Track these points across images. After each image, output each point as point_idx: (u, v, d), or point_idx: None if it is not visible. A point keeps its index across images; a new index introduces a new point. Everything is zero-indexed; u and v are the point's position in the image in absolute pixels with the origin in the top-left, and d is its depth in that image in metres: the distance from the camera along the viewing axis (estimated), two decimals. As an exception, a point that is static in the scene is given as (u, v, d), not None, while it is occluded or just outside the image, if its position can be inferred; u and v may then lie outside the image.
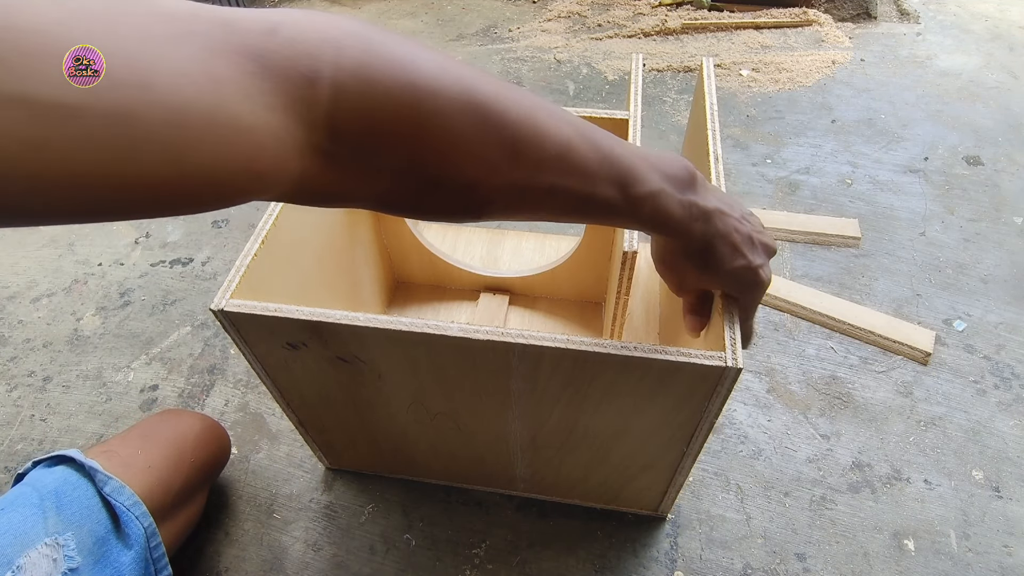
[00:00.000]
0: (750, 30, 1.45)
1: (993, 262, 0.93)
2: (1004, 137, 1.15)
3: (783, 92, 1.27)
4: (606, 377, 0.43)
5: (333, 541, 0.68)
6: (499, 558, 0.66)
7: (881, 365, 0.81)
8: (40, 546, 0.46)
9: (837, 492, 0.70)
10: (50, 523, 0.47)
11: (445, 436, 0.58)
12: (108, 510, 0.50)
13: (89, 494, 0.50)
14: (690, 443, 0.50)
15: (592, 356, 0.41)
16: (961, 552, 0.65)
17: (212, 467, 0.65)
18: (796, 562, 0.65)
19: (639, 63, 0.65)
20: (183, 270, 0.98)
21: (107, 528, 0.49)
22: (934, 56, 1.35)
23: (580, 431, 0.52)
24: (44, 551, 0.45)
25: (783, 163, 1.10)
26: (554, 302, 0.86)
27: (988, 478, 0.71)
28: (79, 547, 0.47)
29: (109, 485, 0.51)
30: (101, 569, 0.48)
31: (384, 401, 0.54)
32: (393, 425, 0.58)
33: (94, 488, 0.50)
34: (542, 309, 0.86)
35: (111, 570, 0.48)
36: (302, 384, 0.53)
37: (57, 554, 0.46)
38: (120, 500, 0.50)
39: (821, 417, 0.77)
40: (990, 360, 0.82)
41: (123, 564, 0.49)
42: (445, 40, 1.48)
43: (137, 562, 0.50)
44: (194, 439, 0.62)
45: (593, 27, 1.50)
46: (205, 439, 0.64)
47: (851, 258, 0.94)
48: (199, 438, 0.63)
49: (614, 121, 0.61)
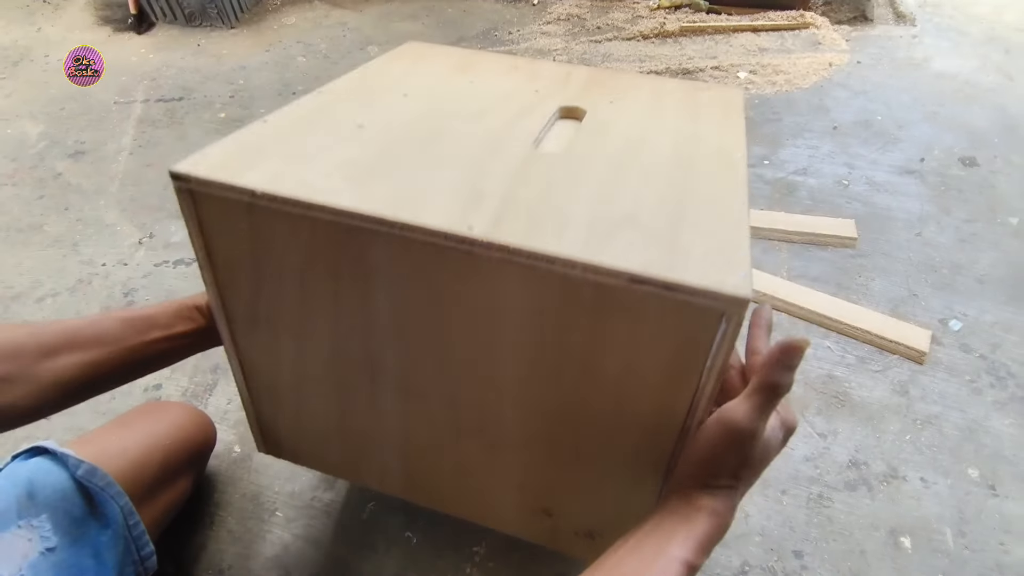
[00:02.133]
0: (748, 33, 1.46)
1: (988, 262, 0.94)
2: (1000, 138, 1.16)
3: (781, 94, 1.28)
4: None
5: (335, 539, 0.69)
6: (500, 556, 0.67)
7: (878, 364, 0.82)
8: (14, 529, 0.47)
9: (834, 490, 0.71)
10: (23, 508, 0.48)
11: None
12: (83, 493, 0.51)
13: (62, 478, 0.51)
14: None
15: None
16: (957, 549, 0.66)
17: (193, 451, 0.66)
18: (793, 559, 0.66)
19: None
20: (186, 270, 0.99)
21: (83, 509, 0.50)
22: (930, 58, 1.36)
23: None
24: (19, 533, 0.47)
25: (780, 164, 1.11)
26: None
27: (984, 476, 0.72)
28: (55, 528, 0.48)
29: (82, 468, 0.52)
30: (80, 548, 0.49)
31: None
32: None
33: (67, 473, 0.51)
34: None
35: (89, 548, 0.49)
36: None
37: (33, 535, 0.47)
38: (94, 481, 0.52)
39: (818, 416, 0.77)
40: (986, 359, 0.82)
41: (101, 543, 0.50)
42: (446, 43, 1.49)
43: (116, 540, 0.51)
44: (169, 423, 0.64)
45: (592, 30, 1.51)
46: (182, 423, 0.65)
47: (848, 258, 0.95)
48: (174, 423, 0.64)
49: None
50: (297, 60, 1.45)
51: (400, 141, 0.48)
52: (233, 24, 1.57)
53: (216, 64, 1.44)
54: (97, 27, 1.58)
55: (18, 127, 1.29)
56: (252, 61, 1.44)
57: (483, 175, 0.43)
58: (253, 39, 1.52)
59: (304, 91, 1.33)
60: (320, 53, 1.47)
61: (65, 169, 1.19)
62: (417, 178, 0.42)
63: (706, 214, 0.40)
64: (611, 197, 0.42)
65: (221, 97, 1.34)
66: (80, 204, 1.11)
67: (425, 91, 0.58)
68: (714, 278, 0.34)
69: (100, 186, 1.15)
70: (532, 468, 0.52)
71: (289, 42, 1.51)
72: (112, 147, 1.23)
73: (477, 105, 0.55)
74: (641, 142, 0.51)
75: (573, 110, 0.57)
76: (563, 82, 0.63)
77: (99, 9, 1.64)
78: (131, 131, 1.27)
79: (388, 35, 1.52)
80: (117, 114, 1.30)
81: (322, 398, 0.56)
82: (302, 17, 1.60)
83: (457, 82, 0.61)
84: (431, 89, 0.58)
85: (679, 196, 0.43)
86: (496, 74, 0.64)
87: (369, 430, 0.56)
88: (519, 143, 0.49)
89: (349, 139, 0.48)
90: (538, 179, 0.43)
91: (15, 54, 1.50)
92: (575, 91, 0.61)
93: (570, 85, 0.62)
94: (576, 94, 0.60)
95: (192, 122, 1.28)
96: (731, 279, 0.34)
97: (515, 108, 0.56)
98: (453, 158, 0.46)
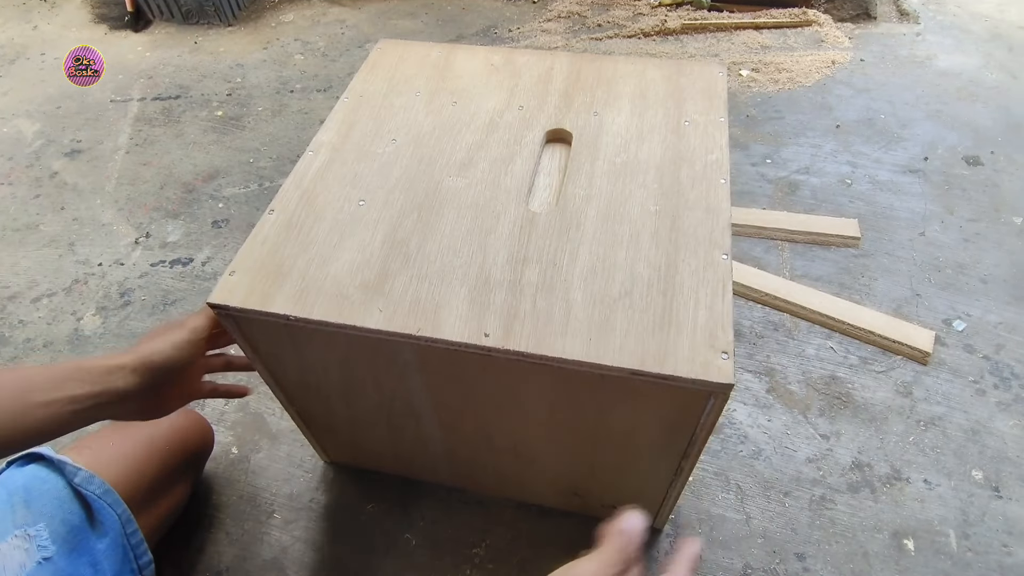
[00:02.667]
0: (750, 30, 1.45)
1: (992, 262, 0.93)
2: (1004, 137, 1.15)
3: (783, 92, 1.27)
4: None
5: (333, 540, 0.68)
6: (499, 557, 0.66)
7: (881, 365, 0.82)
8: (10, 539, 0.46)
9: (837, 492, 0.70)
10: (19, 517, 0.47)
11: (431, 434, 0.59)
12: (80, 500, 0.50)
13: (59, 486, 0.50)
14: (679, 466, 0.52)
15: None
16: (961, 552, 0.66)
17: (192, 455, 0.65)
18: (796, 562, 0.65)
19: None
20: (183, 270, 0.98)
21: (80, 518, 0.49)
22: (933, 56, 1.35)
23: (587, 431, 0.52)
24: (15, 543, 0.46)
25: (783, 163, 1.11)
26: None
27: (987, 478, 0.71)
28: (52, 537, 0.47)
29: (79, 476, 0.51)
30: (77, 557, 0.48)
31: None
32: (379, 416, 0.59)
33: (64, 480, 0.50)
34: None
35: (87, 557, 0.48)
36: (296, 370, 0.54)
37: (29, 544, 0.46)
38: (91, 489, 0.51)
39: (821, 417, 0.77)
40: (989, 360, 0.82)
41: (99, 551, 0.49)
42: (445, 40, 1.48)
43: (114, 548, 0.50)
44: (168, 427, 0.62)
45: (593, 27, 1.50)
46: (181, 427, 0.64)
47: (851, 258, 0.95)
48: (172, 427, 0.63)
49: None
50: (295, 58, 1.44)
51: (403, 219, 0.51)
52: (231, 22, 1.56)
53: (213, 62, 1.43)
54: (93, 25, 1.57)
55: (14, 126, 1.28)
56: (250, 59, 1.44)
57: (487, 259, 0.47)
58: (251, 37, 1.51)
59: (302, 89, 1.33)
60: (318, 51, 1.46)
61: (61, 168, 1.18)
62: (430, 276, 0.46)
63: (692, 279, 0.45)
64: (606, 269, 0.46)
65: (218, 95, 1.33)
66: (76, 203, 1.11)
67: (413, 131, 0.58)
68: (700, 369, 0.39)
69: (96, 185, 1.14)
70: (560, 472, 0.62)
71: (287, 40, 1.50)
72: (109, 146, 1.22)
73: (464, 150, 0.56)
74: (628, 181, 0.52)
75: (560, 133, 0.58)
76: (545, 84, 0.63)
77: (95, 7, 1.62)
78: (128, 130, 1.26)
79: (387, 33, 1.51)
80: (114, 112, 1.30)
81: (374, 430, 0.63)
82: (300, 15, 1.59)
83: (440, 105, 0.61)
84: (417, 127, 0.59)
85: (667, 256, 0.47)
86: (476, 80, 0.63)
87: (418, 448, 0.64)
88: (513, 202, 0.51)
89: (356, 225, 0.50)
90: (538, 254, 0.47)
91: (11, 52, 1.49)
92: (558, 99, 0.61)
93: (552, 88, 0.62)
94: (560, 103, 0.60)
95: (189, 120, 1.27)
96: (716, 365, 0.40)
97: (503, 144, 0.56)
98: (456, 240, 0.49)
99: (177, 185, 1.13)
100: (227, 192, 1.11)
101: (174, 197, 1.11)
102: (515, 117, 0.59)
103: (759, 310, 0.88)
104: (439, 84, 0.63)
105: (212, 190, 1.12)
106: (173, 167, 1.17)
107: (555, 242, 0.48)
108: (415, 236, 0.49)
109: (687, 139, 0.56)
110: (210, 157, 1.19)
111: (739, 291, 0.90)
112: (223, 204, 1.09)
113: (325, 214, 0.51)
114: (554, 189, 0.53)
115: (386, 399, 0.55)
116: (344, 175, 0.54)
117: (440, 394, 0.52)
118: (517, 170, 0.54)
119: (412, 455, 0.67)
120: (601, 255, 0.47)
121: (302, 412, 0.62)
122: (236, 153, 1.19)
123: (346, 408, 0.59)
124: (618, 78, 0.63)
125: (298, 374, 0.54)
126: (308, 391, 0.57)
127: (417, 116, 0.60)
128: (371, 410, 0.58)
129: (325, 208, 0.51)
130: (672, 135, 0.56)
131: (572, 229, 0.49)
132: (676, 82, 0.62)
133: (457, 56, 0.67)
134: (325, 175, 0.54)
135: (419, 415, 0.56)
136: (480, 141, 0.56)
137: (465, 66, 0.65)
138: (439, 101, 0.61)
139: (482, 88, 0.62)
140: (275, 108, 1.29)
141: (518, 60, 0.66)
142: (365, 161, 0.55)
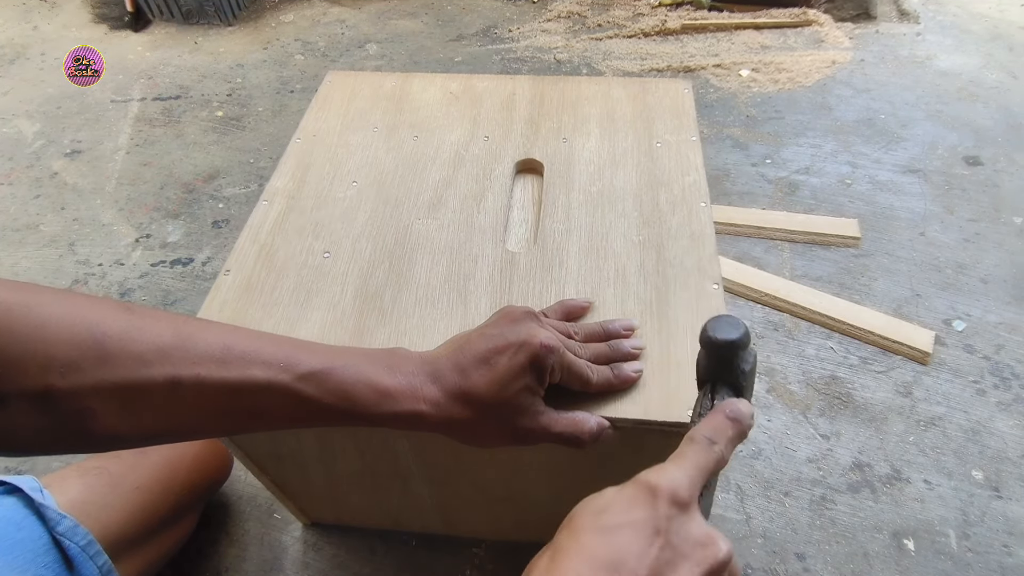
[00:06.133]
0: (750, 30, 1.45)
1: (993, 262, 0.93)
2: (1004, 137, 1.15)
3: (783, 92, 1.27)
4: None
5: (333, 541, 0.68)
6: (499, 558, 0.66)
7: (881, 365, 0.82)
8: None
9: (837, 492, 0.70)
10: None
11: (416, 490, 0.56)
12: (58, 550, 0.46)
13: (35, 535, 0.45)
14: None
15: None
16: (961, 552, 0.66)
17: (208, 488, 0.63)
18: (796, 562, 0.65)
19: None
20: (183, 270, 0.98)
21: (55, 572, 0.45)
22: (934, 56, 1.35)
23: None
24: None
25: (783, 163, 1.11)
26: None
27: (988, 478, 0.71)
28: None
29: (62, 525, 0.46)
30: None
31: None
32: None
33: (43, 528, 0.46)
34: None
35: None
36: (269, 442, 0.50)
37: None
38: (74, 541, 0.46)
39: (821, 417, 0.77)
40: (990, 360, 0.82)
41: None
42: (445, 40, 1.48)
43: None
44: (192, 458, 0.60)
45: (593, 27, 1.50)
46: (204, 458, 0.61)
47: (851, 258, 0.95)
48: (197, 457, 0.60)
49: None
50: (295, 58, 1.44)
51: (374, 269, 0.47)
52: (231, 22, 1.56)
53: (213, 62, 1.43)
54: (93, 25, 1.57)
55: (14, 126, 1.28)
56: (250, 59, 1.44)
57: (468, 308, 0.44)
58: (251, 37, 1.51)
59: (302, 89, 1.32)
60: (319, 51, 1.46)
61: (61, 168, 1.18)
62: (409, 332, 0.43)
63: (686, 314, 0.43)
64: (595, 309, 0.44)
65: (219, 95, 1.33)
66: (76, 204, 1.11)
67: (374, 171, 0.55)
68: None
69: (97, 185, 1.14)
70: (561, 512, 0.58)
71: (287, 40, 1.50)
72: (109, 146, 1.22)
73: (432, 188, 0.53)
74: (607, 210, 0.50)
75: (531, 163, 0.56)
76: (509, 111, 0.60)
77: (95, 7, 1.63)
78: (128, 130, 1.26)
79: (387, 33, 1.51)
80: (114, 113, 1.30)
81: (357, 492, 0.59)
82: (300, 15, 1.59)
83: (400, 140, 0.57)
84: (379, 166, 0.55)
85: (657, 291, 0.44)
86: (436, 110, 0.60)
87: (405, 503, 0.60)
88: (490, 242, 0.48)
89: (323, 280, 0.46)
90: (522, 298, 0.45)
91: (11, 52, 1.49)
92: (524, 126, 0.58)
93: (517, 115, 0.59)
94: (527, 130, 0.58)
95: (189, 121, 1.27)
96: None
97: (471, 179, 0.53)
98: (433, 289, 0.45)
99: (177, 185, 1.13)
100: (227, 192, 1.11)
101: (174, 197, 1.11)
102: (482, 149, 0.56)
103: (759, 310, 0.88)
104: (397, 117, 0.59)
105: (212, 190, 1.12)
106: (173, 167, 1.17)
107: (538, 284, 0.45)
108: (389, 288, 0.45)
109: (661, 161, 0.53)
110: (210, 157, 1.19)
111: (739, 291, 0.90)
112: (223, 204, 1.09)
113: (287, 270, 0.47)
114: (530, 224, 0.50)
115: (368, 464, 0.51)
116: (304, 225, 0.50)
117: (428, 455, 0.48)
118: (490, 206, 0.50)
119: (399, 511, 0.63)
120: (588, 294, 0.44)
121: (276, 479, 0.58)
122: (236, 153, 1.19)
123: (325, 474, 0.55)
124: (583, 100, 0.60)
125: (270, 446, 0.50)
126: (281, 461, 0.53)
127: (377, 154, 0.56)
128: (353, 475, 0.54)
129: (287, 264, 0.47)
130: (645, 158, 0.54)
131: (555, 268, 0.46)
132: (643, 101, 0.60)
133: (412, 85, 0.63)
134: (283, 226, 0.50)
135: (406, 476, 0.52)
136: (448, 177, 0.53)
137: (422, 96, 0.62)
138: (399, 136, 0.58)
139: (443, 119, 0.59)
140: (275, 108, 1.29)
141: (477, 86, 0.62)
142: (326, 208, 0.51)
